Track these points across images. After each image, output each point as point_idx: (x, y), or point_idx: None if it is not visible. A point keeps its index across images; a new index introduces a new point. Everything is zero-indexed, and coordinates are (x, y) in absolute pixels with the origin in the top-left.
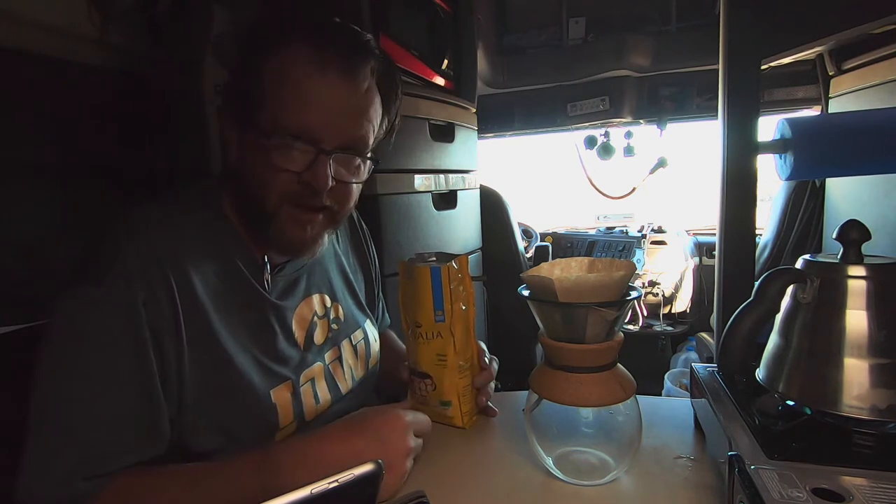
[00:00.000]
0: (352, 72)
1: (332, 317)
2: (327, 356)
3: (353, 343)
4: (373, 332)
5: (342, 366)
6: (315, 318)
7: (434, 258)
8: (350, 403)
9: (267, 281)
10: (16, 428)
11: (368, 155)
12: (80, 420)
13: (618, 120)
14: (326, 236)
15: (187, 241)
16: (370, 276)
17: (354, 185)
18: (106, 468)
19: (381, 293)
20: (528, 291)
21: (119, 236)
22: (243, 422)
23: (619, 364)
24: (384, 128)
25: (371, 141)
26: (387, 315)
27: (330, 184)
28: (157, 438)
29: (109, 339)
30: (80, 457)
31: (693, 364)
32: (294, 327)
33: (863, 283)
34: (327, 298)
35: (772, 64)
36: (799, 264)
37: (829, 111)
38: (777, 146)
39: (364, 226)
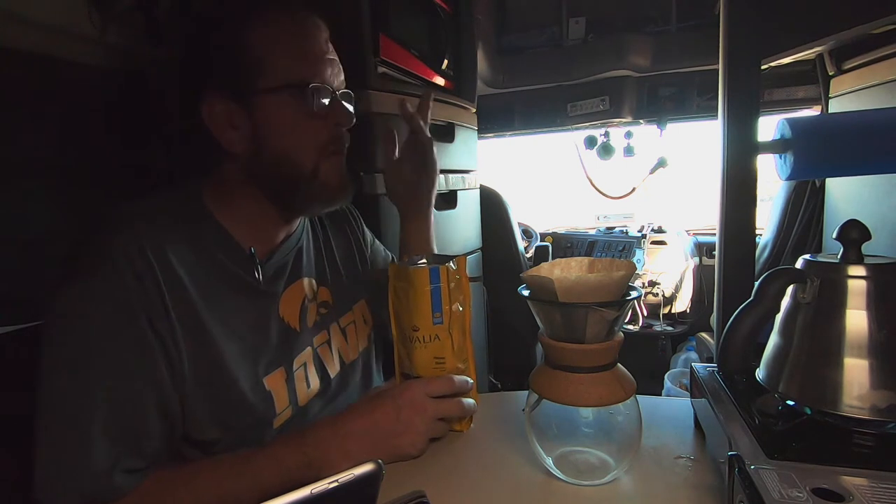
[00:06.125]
0: (321, 26)
1: (319, 300)
2: (316, 340)
3: (342, 326)
4: (364, 314)
5: (331, 349)
6: (306, 301)
7: (424, 260)
8: (340, 386)
9: (257, 269)
10: (16, 427)
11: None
12: (100, 415)
13: (618, 120)
14: None
15: (169, 233)
16: (361, 245)
17: None
18: (140, 458)
19: (374, 241)
20: (528, 291)
21: (104, 231)
22: (239, 411)
23: (619, 364)
24: None
25: None
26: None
27: (353, 119)
28: (173, 425)
29: (112, 332)
30: (115, 449)
31: (693, 364)
32: (286, 312)
33: (863, 283)
34: (314, 282)
35: (772, 64)
36: (799, 264)
37: (829, 111)
38: (777, 146)
39: (352, 209)
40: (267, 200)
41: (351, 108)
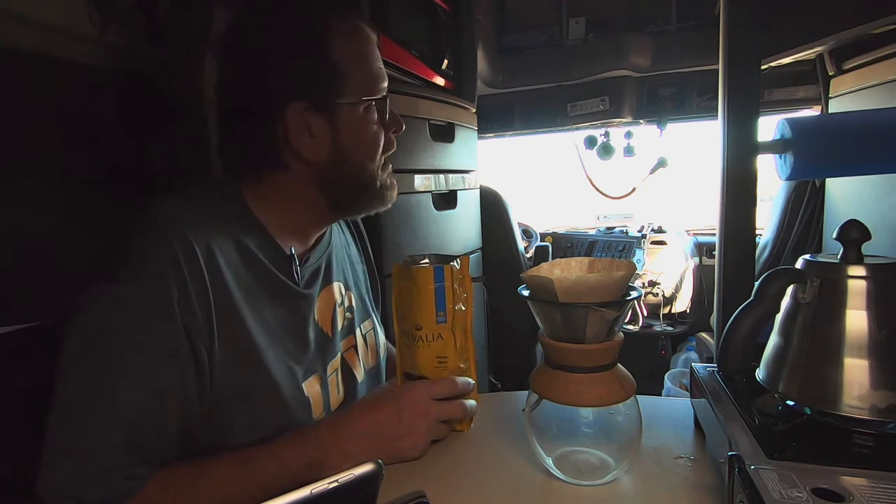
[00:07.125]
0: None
1: (346, 305)
2: (343, 345)
3: (363, 333)
4: (379, 323)
5: (357, 354)
6: (336, 306)
7: (427, 260)
8: (364, 393)
9: (296, 271)
10: (14, 427)
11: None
12: (118, 421)
13: (618, 120)
14: None
15: (216, 235)
16: (372, 272)
17: None
18: (149, 467)
19: (381, 294)
20: (528, 291)
21: (147, 232)
22: (279, 418)
23: (619, 364)
24: None
25: None
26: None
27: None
28: (193, 437)
29: (146, 340)
30: (125, 458)
31: (693, 364)
32: (321, 317)
33: (863, 283)
34: (342, 287)
35: (772, 64)
36: (799, 264)
37: (829, 111)
38: (777, 146)
39: (359, 221)
40: (325, 204)
41: None
